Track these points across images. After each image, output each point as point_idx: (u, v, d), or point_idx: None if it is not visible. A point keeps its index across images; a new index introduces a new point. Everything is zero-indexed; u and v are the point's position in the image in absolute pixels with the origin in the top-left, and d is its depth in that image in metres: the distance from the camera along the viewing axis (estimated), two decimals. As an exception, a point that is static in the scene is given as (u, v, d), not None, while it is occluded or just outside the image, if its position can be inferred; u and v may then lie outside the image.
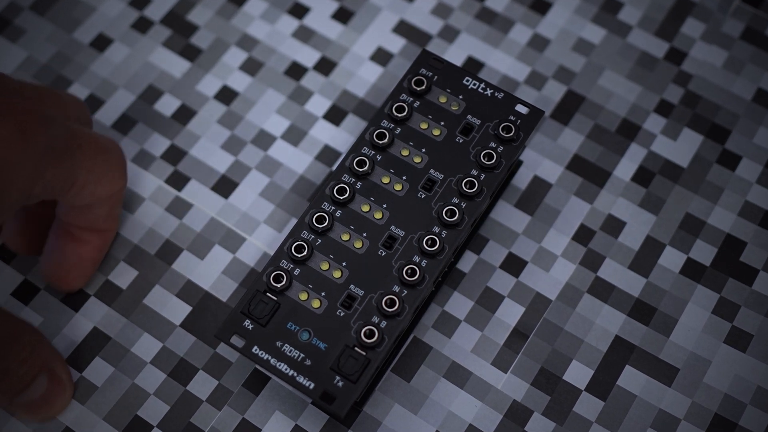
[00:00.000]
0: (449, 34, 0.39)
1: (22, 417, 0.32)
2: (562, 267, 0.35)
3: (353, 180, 0.33)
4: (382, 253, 0.32)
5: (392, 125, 0.33)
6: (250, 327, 0.31)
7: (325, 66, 0.39)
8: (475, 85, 0.34)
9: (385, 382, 0.33)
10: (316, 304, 0.31)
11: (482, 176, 0.32)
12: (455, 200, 0.32)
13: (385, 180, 0.33)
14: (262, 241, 0.36)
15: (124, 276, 0.35)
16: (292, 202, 0.36)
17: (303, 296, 0.31)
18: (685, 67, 0.39)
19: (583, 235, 0.36)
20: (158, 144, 0.37)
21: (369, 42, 0.39)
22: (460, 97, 0.34)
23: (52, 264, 0.33)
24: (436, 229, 0.32)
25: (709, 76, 0.38)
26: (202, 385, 0.33)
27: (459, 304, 0.34)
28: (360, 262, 0.31)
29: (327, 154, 0.37)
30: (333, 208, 0.32)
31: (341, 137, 0.38)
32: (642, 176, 0.37)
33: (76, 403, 0.33)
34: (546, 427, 0.33)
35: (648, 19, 0.40)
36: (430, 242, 0.31)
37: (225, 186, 0.37)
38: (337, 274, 0.31)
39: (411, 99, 0.34)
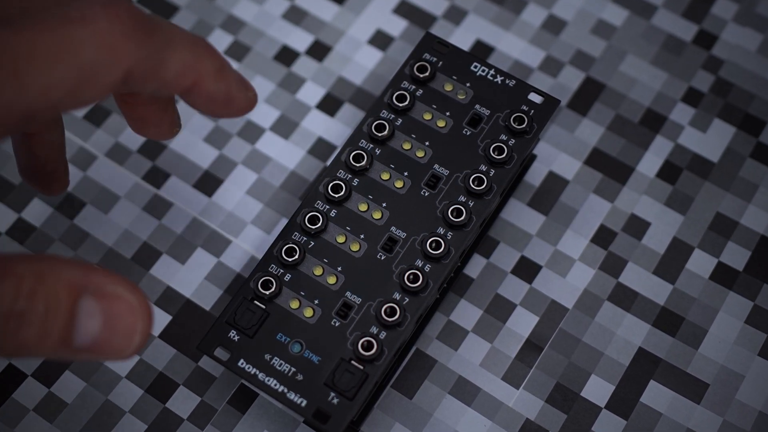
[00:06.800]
0: (455, 15, 0.39)
1: (90, 359, 0.26)
2: (580, 272, 0.35)
3: (349, 176, 0.33)
4: (381, 256, 0.32)
5: (392, 116, 0.33)
6: (236, 338, 0.31)
7: (319, 50, 0.39)
8: (483, 71, 0.34)
9: (385, 398, 0.33)
10: (308, 312, 0.31)
11: (492, 172, 0.32)
12: (462, 198, 0.32)
13: (385, 176, 0.33)
14: (249, 244, 0.36)
15: (97, 282, 0.35)
16: (282, 200, 0.36)
17: (294, 304, 0.31)
18: (716, 51, 0.39)
19: (602, 237, 0.36)
20: (135, 137, 0.37)
21: (367, 24, 0.39)
22: (468, 84, 0.34)
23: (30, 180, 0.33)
24: (441, 231, 0.32)
25: (742, 62, 0.38)
26: (182, 402, 0.33)
27: (466, 313, 0.35)
28: (357, 266, 0.32)
29: (321, 148, 0.37)
30: (327, 207, 0.32)
31: (336, 129, 0.38)
32: (668, 172, 0.37)
33: (44, 422, 0.33)
34: (562, 448, 0.33)
35: (675, -2, 0.40)
36: (434, 245, 0.31)
37: (208, 183, 0.37)
38: (331, 279, 0.31)
39: (413, 87, 0.34)
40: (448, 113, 0.33)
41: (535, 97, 0.34)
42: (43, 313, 0.23)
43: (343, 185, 0.32)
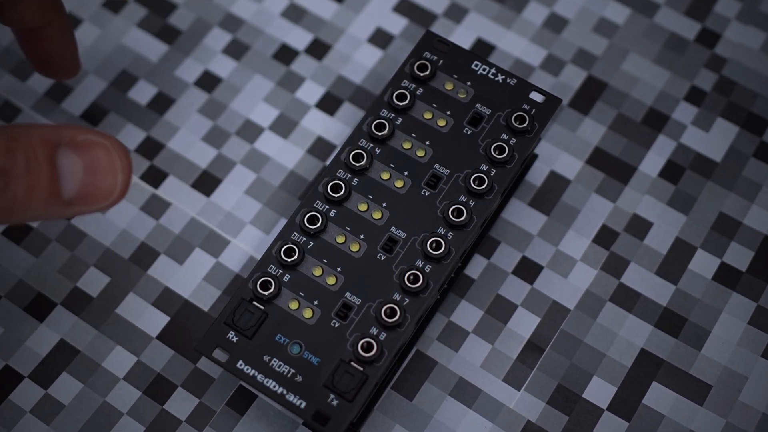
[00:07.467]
0: (456, 14, 0.39)
1: (84, 211, 0.27)
2: (582, 273, 0.35)
3: (349, 176, 0.33)
4: (381, 257, 0.32)
5: (393, 115, 0.33)
6: (235, 339, 0.31)
7: (318, 49, 0.39)
8: (484, 70, 0.34)
9: (385, 400, 0.33)
10: (307, 313, 0.31)
11: (493, 172, 0.32)
12: (463, 198, 0.32)
13: (385, 176, 0.33)
14: (247, 244, 0.36)
15: (94, 283, 0.35)
16: (281, 200, 0.36)
17: (293, 305, 0.31)
18: (719, 50, 0.39)
19: (604, 237, 0.36)
20: (133, 136, 0.37)
21: (367, 22, 0.39)
22: (468, 83, 0.34)
23: (40, 66, 0.36)
24: (442, 231, 0.32)
25: (746, 60, 0.38)
26: (181, 403, 0.33)
27: (467, 314, 0.34)
28: (357, 267, 0.31)
29: (320, 147, 0.37)
30: (327, 207, 0.32)
31: (336, 128, 0.38)
32: (671, 172, 0.37)
33: (41, 424, 0.33)
34: (564, 450, 0.33)
35: (677, -4, 0.40)
36: (434, 245, 0.31)
37: (207, 183, 0.37)
38: (331, 280, 0.31)
39: (413, 86, 0.34)
40: (448, 112, 0.33)
41: (536, 96, 0.34)
42: (25, 166, 0.25)
43: (342, 185, 0.32)
